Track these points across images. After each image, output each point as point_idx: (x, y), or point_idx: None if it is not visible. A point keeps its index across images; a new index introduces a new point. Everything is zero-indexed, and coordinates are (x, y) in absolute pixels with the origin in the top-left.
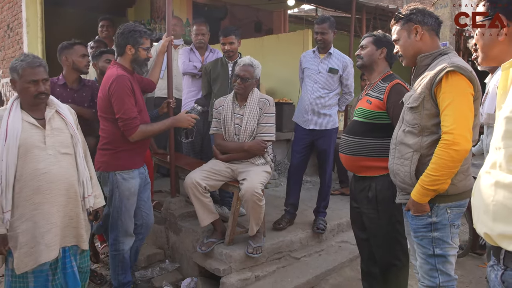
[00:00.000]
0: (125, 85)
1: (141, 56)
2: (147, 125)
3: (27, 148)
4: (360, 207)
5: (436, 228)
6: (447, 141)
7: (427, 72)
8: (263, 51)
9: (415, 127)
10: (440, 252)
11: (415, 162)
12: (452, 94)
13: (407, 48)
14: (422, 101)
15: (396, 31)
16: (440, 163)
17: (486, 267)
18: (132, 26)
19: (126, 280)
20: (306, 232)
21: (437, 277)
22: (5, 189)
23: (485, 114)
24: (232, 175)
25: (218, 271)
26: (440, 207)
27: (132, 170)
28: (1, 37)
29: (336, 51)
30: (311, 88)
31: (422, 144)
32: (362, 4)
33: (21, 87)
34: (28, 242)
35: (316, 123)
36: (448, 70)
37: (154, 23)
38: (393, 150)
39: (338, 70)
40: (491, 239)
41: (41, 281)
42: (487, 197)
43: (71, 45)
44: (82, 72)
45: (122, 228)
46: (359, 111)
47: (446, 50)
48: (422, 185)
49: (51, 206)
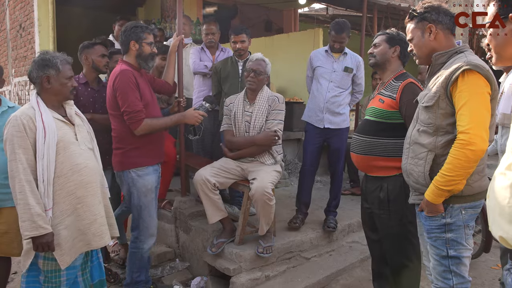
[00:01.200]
0: (128, 79)
1: (145, 51)
2: (152, 119)
3: (65, 144)
4: (372, 207)
5: (450, 229)
6: (463, 141)
7: (443, 70)
8: (273, 50)
9: (430, 127)
10: (454, 253)
11: (430, 162)
12: (468, 93)
13: (421, 47)
14: (437, 100)
15: (410, 30)
16: (455, 163)
17: (498, 269)
18: (134, 23)
19: (139, 279)
20: (317, 232)
21: (451, 278)
22: (46, 187)
23: (500, 114)
24: (242, 174)
25: (228, 271)
26: (455, 207)
27: (146, 167)
28: (14, 36)
29: (349, 50)
30: (327, 87)
31: (436, 144)
32: (374, 3)
33: (60, 83)
34: (72, 234)
35: (331, 122)
36: (465, 68)
37: (165, 22)
38: (407, 150)
39: (353, 69)
40: (506, 242)
41: (72, 278)
42: (503, 199)
43: (92, 44)
44: (101, 72)
45: (143, 226)
46: (371, 110)
47: (462, 48)
48: (437, 186)
49: (93, 198)
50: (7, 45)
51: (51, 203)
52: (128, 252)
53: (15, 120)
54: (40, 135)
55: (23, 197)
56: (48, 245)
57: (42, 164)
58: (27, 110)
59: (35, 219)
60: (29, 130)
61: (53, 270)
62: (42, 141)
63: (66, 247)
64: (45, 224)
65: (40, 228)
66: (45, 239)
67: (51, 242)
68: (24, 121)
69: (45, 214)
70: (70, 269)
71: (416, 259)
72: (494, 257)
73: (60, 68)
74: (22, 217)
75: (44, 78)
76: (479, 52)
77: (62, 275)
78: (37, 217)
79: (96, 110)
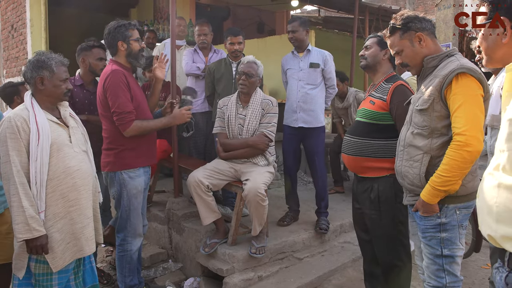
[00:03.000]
0: (119, 79)
1: (134, 48)
2: (142, 121)
3: (59, 146)
4: (362, 207)
5: (445, 229)
6: (459, 142)
7: (435, 73)
8: (266, 51)
9: (425, 129)
10: (448, 252)
11: (426, 164)
12: (462, 96)
13: (414, 57)
14: (432, 103)
15: (396, 43)
16: (452, 164)
17: (488, 268)
18: (116, 23)
19: (133, 283)
20: (309, 233)
21: (444, 277)
22: (39, 189)
23: (489, 115)
24: (235, 175)
25: (221, 271)
26: (449, 208)
27: (138, 168)
28: (5, 37)
29: (314, 48)
30: (296, 86)
31: (432, 146)
32: (365, 5)
33: (53, 85)
34: (65, 238)
35: (304, 121)
36: (458, 72)
37: (157, 23)
38: (401, 152)
39: (319, 64)
40: (494, 240)
41: (64, 282)
42: (490, 198)
43: (89, 47)
44: (97, 75)
45: (131, 228)
46: (362, 111)
47: (452, 52)
48: (433, 186)
49: (86, 202)
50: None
51: (44, 206)
52: (116, 258)
53: (8, 122)
54: (33, 137)
55: (16, 199)
56: (42, 248)
57: (35, 166)
58: (21, 111)
59: (29, 221)
60: (22, 132)
61: (45, 273)
62: (35, 143)
63: (58, 250)
64: (39, 227)
65: (34, 230)
66: (39, 242)
67: (45, 245)
68: (18, 123)
69: (38, 217)
70: (62, 273)
71: (407, 259)
72: (484, 256)
73: (54, 70)
74: (16, 220)
75: (38, 79)
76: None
77: (54, 278)
78: (31, 219)
79: (91, 112)
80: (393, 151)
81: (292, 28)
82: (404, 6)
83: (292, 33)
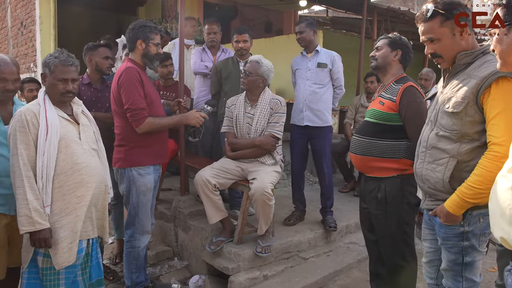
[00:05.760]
0: (133, 76)
1: (151, 51)
2: (155, 118)
3: (67, 142)
4: (369, 207)
5: (468, 237)
6: (497, 153)
7: (469, 72)
8: (273, 51)
9: (454, 133)
10: (469, 259)
11: (451, 168)
12: (503, 102)
13: (451, 49)
14: (465, 107)
15: (433, 30)
16: (486, 175)
17: (495, 271)
18: (143, 22)
19: (139, 280)
20: (315, 233)
21: (461, 282)
22: (46, 184)
23: None
24: (242, 174)
25: (227, 270)
26: (473, 215)
27: (148, 166)
28: (15, 34)
29: (323, 48)
30: (304, 86)
31: (460, 150)
32: (374, 6)
33: (50, 83)
34: (68, 236)
35: (310, 120)
36: (500, 75)
37: (165, 22)
38: (423, 154)
39: (327, 64)
40: (507, 243)
41: (71, 277)
42: (504, 201)
43: (96, 46)
44: (104, 73)
45: (139, 224)
46: (371, 111)
47: (487, 49)
48: (462, 198)
49: (92, 199)
50: (8, 43)
51: (49, 200)
52: (124, 254)
53: (19, 116)
54: (42, 131)
55: (21, 192)
56: (45, 241)
57: (42, 161)
58: (32, 106)
59: (32, 214)
60: (31, 126)
61: (51, 267)
62: (43, 137)
63: (61, 247)
64: (42, 220)
65: (37, 223)
66: (42, 235)
67: (48, 238)
68: (28, 117)
69: (43, 210)
70: (69, 268)
71: (412, 259)
72: (490, 259)
73: (51, 69)
74: (20, 212)
75: (42, 75)
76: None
77: (61, 273)
78: (34, 212)
79: (98, 109)
80: (401, 151)
81: (299, 29)
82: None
83: (299, 34)
